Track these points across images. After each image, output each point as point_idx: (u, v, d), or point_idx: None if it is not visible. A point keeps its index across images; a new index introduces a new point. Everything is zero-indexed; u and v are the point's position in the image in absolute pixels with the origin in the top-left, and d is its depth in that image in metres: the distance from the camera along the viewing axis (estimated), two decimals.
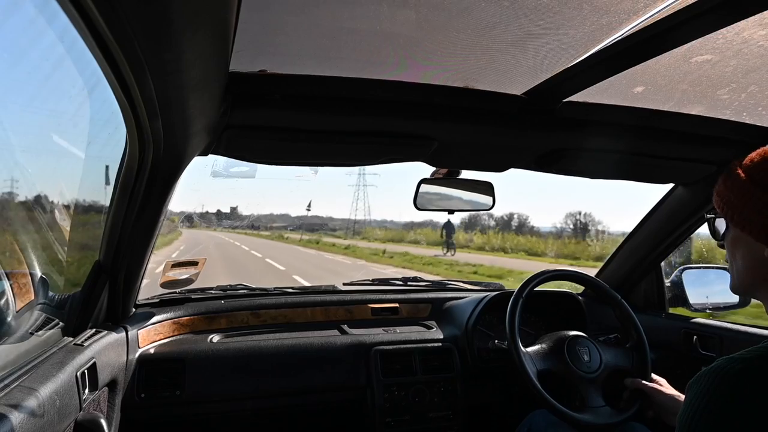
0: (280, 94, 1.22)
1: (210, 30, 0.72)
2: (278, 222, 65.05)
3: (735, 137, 1.51)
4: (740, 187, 0.89)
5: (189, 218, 30.81)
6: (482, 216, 40.83)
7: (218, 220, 41.95)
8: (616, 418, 1.52)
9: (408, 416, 1.78)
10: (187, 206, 52.09)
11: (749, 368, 0.74)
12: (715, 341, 1.79)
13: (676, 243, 2.01)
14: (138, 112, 0.93)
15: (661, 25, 0.91)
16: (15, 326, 1.15)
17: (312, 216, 73.90)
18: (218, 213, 58.19)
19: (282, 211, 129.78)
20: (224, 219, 44.39)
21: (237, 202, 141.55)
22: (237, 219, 46.43)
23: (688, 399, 0.79)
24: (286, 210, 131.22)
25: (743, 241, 0.90)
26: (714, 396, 0.75)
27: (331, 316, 2.05)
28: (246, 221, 48.47)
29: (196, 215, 47.45)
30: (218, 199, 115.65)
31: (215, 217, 48.67)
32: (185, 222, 35.32)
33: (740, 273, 0.93)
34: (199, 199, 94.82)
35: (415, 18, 0.94)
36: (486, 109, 1.35)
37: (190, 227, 39.05)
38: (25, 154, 1.21)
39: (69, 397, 1.08)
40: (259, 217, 65.55)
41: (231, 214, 60.21)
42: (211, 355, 1.70)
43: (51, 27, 0.88)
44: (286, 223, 61.92)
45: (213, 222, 40.03)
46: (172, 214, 42.21)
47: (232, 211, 64.02)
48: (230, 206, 72.92)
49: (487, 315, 1.99)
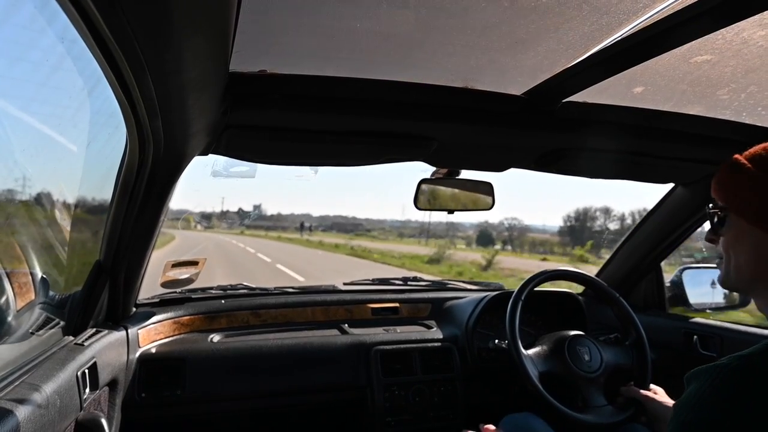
0: (280, 94, 1.22)
1: (210, 30, 0.72)
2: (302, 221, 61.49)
3: (734, 137, 1.51)
4: (751, 179, 0.87)
5: (207, 218, 29.49)
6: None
7: (240, 219, 39.85)
8: (619, 416, 1.53)
9: (408, 416, 1.79)
10: (205, 206, 50.28)
11: (749, 364, 0.75)
12: (715, 341, 1.79)
13: (676, 243, 2.01)
14: (138, 112, 0.93)
15: (660, 26, 0.91)
16: (15, 326, 1.15)
17: (334, 216, 68.99)
18: (240, 212, 55.59)
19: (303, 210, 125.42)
20: (244, 218, 41.93)
21: (258, 200, 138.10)
22: (260, 219, 44.09)
23: (687, 392, 0.79)
24: (307, 209, 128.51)
25: (749, 235, 0.88)
26: (713, 390, 0.75)
27: (331, 316, 2.05)
28: (270, 221, 45.73)
29: (216, 215, 44.98)
30: (226, 197, 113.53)
31: (237, 216, 46.25)
32: (203, 222, 33.72)
33: (740, 268, 0.91)
34: (208, 198, 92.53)
35: (414, 18, 0.94)
36: (486, 109, 1.35)
37: (207, 228, 37.16)
38: (25, 154, 1.22)
39: (69, 396, 1.09)
40: (282, 216, 61.59)
41: (252, 212, 57.42)
42: (211, 354, 1.70)
43: (51, 27, 0.88)
44: (315, 223, 57.87)
45: (235, 221, 38.22)
46: (189, 213, 39.62)
47: (255, 209, 60.96)
48: (253, 204, 68.85)
49: (487, 315, 1.99)
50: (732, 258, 0.92)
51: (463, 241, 48.41)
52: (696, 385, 0.78)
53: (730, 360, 0.77)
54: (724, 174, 0.92)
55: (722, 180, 0.93)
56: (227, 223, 36.23)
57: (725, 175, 0.92)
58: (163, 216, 1.42)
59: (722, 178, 0.93)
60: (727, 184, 0.91)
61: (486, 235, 49.87)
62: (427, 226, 54.98)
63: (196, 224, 32.16)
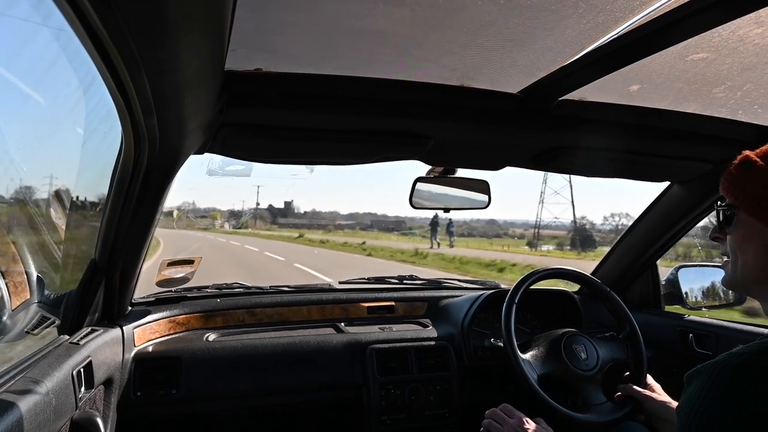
0: (276, 92, 1.22)
1: (205, 28, 0.72)
2: (342, 220, 55.03)
3: (731, 135, 1.51)
4: (763, 177, 0.85)
5: (236, 215, 26.63)
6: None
7: (272, 217, 36.16)
8: (619, 413, 1.54)
9: (404, 414, 1.79)
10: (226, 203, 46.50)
11: (749, 362, 0.75)
12: (710, 339, 1.80)
13: (672, 241, 2.02)
14: (133, 110, 0.92)
15: (656, 23, 0.91)
16: (10, 325, 1.15)
17: (367, 213, 61.23)
18: (270, 209, 51.82)
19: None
20: (279, 216, 37.50)
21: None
22: (293, 216, 40.30)
23: (688, 392, 0.79)
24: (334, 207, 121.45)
25: (759, 234, 0.86)
26: (714, 389, 0.75)
27: (327, 315, 2.05)
28: (306, 218, 41.42)
29: (247, 212, 41.30)
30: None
31: (269, 213, 43.03)
32: (231, 220, 30.16)
33: (748, 268, 0.88)
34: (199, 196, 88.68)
35: (410, 16, 0.94)
36: (482, 108, 1.35)
37: (236, 229, 31.03)
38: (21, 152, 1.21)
39: (65, 395, 1.08)
40: (318, 214, 55.83)
41: (286, 210, 53.79)
42: (207, 353, 1.69)
43: (46, 25, 0.87)
44: (353, 221, 52.35)
45: (267, 219, 34.29)
46: (215, 210, 33.72)
47: (287, 206, 56.42)
48: (284, 201, 61.67)
49: (482, 313, 1.99)
50: (740, 257, 0.90)
51: (554, 241, 39.89)
52: (696, 384, 0.78)
53: (729, 357, 0.77)
54: (734, 171, 0.90)
55: (733, 177, 0.91)
56: (261, 220, 32.12)
57: (736, 173, 0.90)
58: (159, 215, 1.42)
59: (733, 176, 0.91)
60: (738, 182, 0.90)
61: (586, 236, 40.21)
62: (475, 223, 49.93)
63: (223, 223, 28.31)
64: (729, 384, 0.74)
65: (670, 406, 1.40)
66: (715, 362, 0.77)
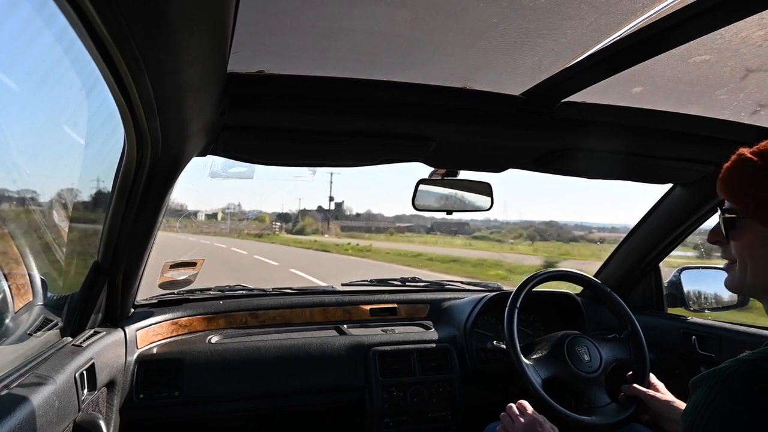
0: (278, 94, 1.22)
1: (208, 30, 0.72)
2: (398, 222, 49.19)
3: (733, 137, 1.51)
4: (765, 178, 0.82)
5: (285, 218, 24.50)
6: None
7: (323, 217, 33.51)
8: (624, 414, 1.54)
9: (407, 416, 1.79)
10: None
11: (755, 369, 0.74)
12: (713, 341, 1.79)
13: (675, 243, 2.01)
14: (136, 113, 0.92)
15: (659, 26, 0.91)
16: (14, 327, 1.15)
17: (414, 215, 55.20)
18: (319, 209, 48.85)
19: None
20: (331, 219, 34.36)
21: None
22: (345, 218, 37.32)
23: (693, 399, 0.78)
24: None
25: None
26: (719, 396, 0.74)
27: (329, 317, 2.05)
28: (361, 221, 38.13)
29: (294, 214, 39.29)
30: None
31: (318, 213, 40.74)
32: (278, 221, 28.37)
33: (758, 274, 0.85)
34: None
35: (412, 18, 0.94)
36: (484, 110, 1.35)
37: (260, 234, 29.42)
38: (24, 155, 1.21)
39: (68, 398, 1.08)
40: (374, 216, 50.80)
41: (337, 211, 50.81)
42: (209, 355, 1.69)
43: (49, 28, 0.88)
44: (412, 224, 46.82)
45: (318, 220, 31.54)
46: (263, 213, 29.95)
47: (338, 207, 53.01)
48: (336, 201, 57.21)
49: (485, 315, 1.99)
50: (749, 264, 0.85)
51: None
52: (701, 391, 0.77)
53: (734, 364, 0.75)
54: (733, 173, 0.86)
55: (731, 179, 0.87)
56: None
57: (734, 174, 0.86)
58: (162, 217, 1.42)
59: (730, 177, 0.87)
60: (738, 184, 0.86)
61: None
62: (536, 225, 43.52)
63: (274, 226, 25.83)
64: (735, 392, 0.73)
65: (674, 405, 1.40)
66: (721, 369, 0.76)
